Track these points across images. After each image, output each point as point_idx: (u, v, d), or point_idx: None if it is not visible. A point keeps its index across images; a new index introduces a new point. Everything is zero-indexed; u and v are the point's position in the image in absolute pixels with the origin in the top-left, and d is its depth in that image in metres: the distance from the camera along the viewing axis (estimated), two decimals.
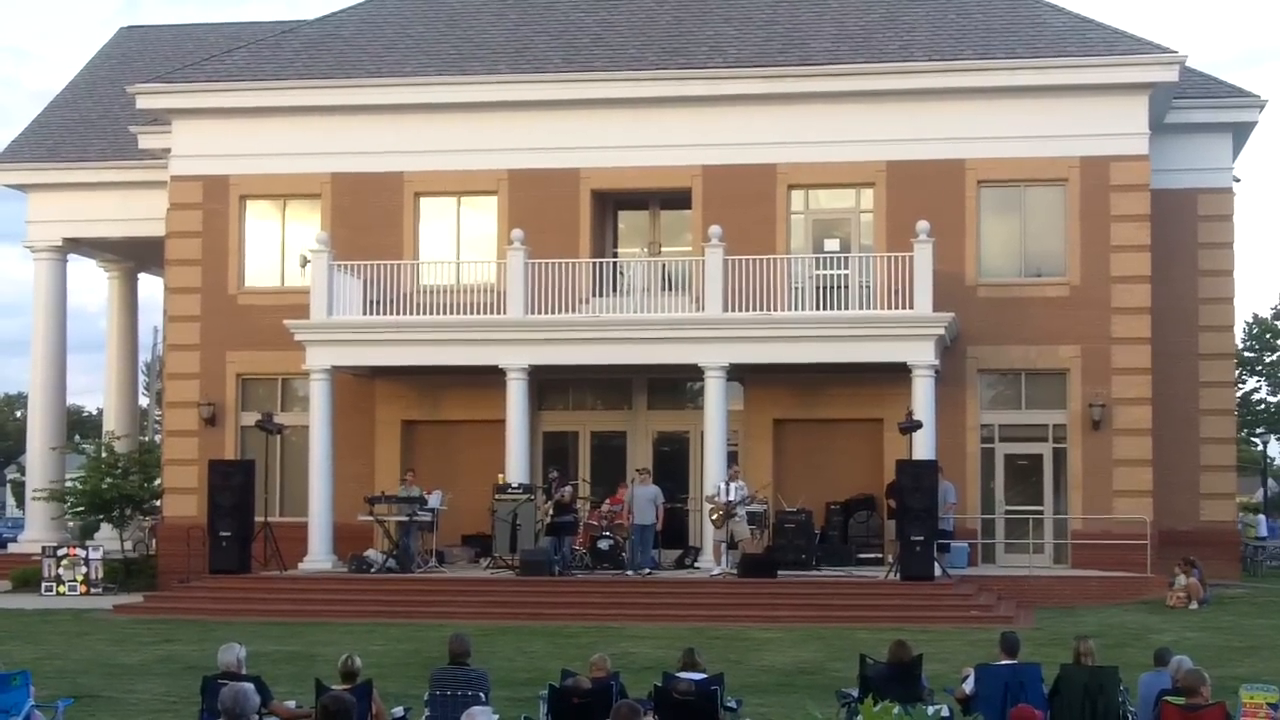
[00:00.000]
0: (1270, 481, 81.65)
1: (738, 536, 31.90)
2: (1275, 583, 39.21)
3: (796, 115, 36.01)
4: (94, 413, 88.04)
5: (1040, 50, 35.75)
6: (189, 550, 34.11)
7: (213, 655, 16.24)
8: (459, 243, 37.62)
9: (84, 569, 36.14)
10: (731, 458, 34.08)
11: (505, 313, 34.18)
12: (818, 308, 33.98)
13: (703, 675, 15.59)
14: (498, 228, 36.81)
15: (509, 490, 32.82)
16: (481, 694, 15.16)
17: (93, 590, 35.67)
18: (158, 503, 39.52)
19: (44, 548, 37.33)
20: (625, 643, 25.15)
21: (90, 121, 43.27)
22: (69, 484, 41.16)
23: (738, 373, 34.42)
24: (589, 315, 34.43)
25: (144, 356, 57.92)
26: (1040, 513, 35.57)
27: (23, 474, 59.15)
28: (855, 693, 16.19)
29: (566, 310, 34.20)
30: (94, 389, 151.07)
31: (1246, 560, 42.50)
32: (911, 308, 32.92)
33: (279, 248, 38.18)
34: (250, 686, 12.01)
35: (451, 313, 34.77)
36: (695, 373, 33.83)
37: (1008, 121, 35.44)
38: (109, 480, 39.67)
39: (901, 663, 16.36)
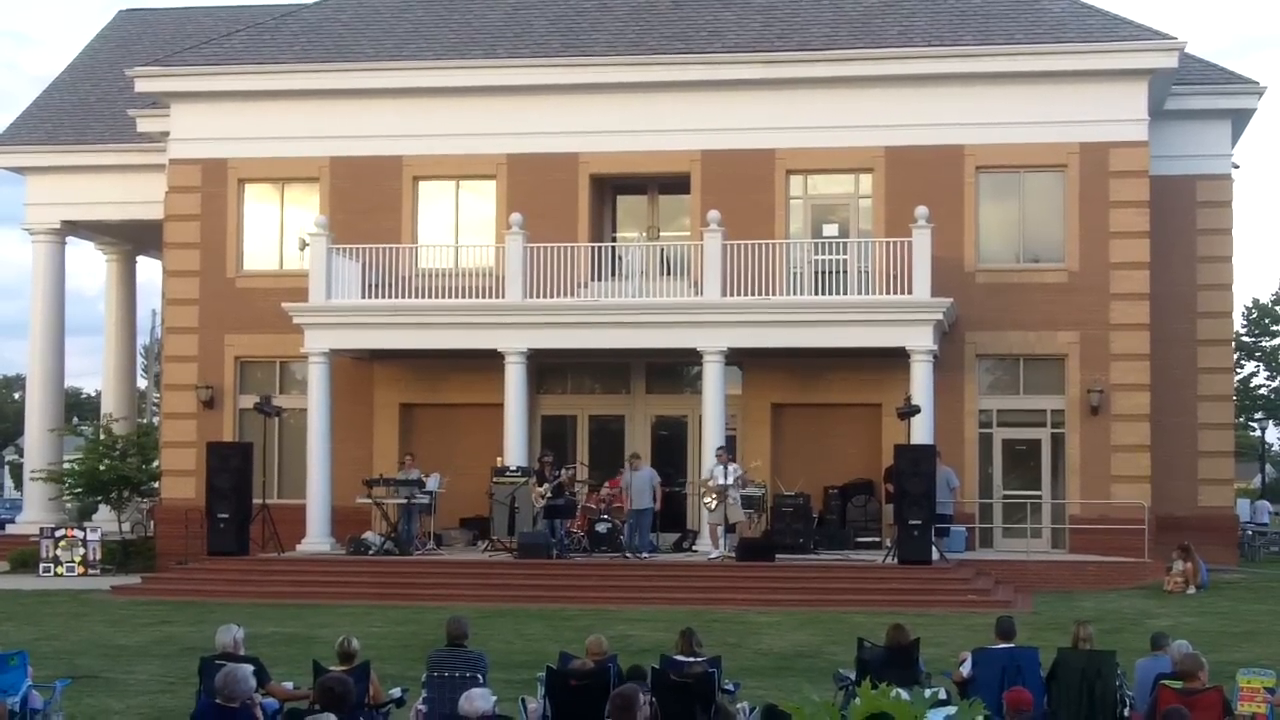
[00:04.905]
0: (1268, 467, 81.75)
1: (731, 519, 31.90)
2: (1273, 568, 39.28)
3: (795, 100, 36.00)
4: (92, 395, 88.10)
5: (1040, 36, 35.72)
6: (187, 532, 34.15)
7: (210, 636, 16.26)
8: (458, 226, 37.61)
9: (82, 550, 36.20)
10: (730, 442, 34.08)
11: (504, 296, 34.18)
12: (816, 293, 33.98)
13: (700, 658, 15.63)
14: (496, 212, 36.81)
15: (507, 473, 32.85)
16: (479, 676, 15.17)
17: (90, 571, 35.71)
18: (156, 485, 39.54)
19: (42, 529, 37.40)
20: (622, 625, 25.20)
21: (89, 105, 43.24)
22: (67, 466, 41.19)
23: (736, 357, 34.44)
24: (587, 299, 34.43)
25: (142, 339, 57.98)
26: (1038, 498, 35.60)
27: (21, 455, 59.27)
28: (853, 676, 16.21)
29: (565, 294, 34.20)
30: (92, 371, 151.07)
31: (1244, 545, 42.57)
32: (910, 293, 32.93)
33: (277, 231, 38.18)
34: (246, 669, 12.03)
35: (450, 296, 34.79)
36: (694, 357, 33.85)
37: (1007, 107, 35.43)
38: (107, 462, 39.71)
39: (899, 646, 16.39)
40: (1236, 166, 39.04)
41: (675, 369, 36.99)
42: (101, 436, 40.89)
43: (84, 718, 17.78)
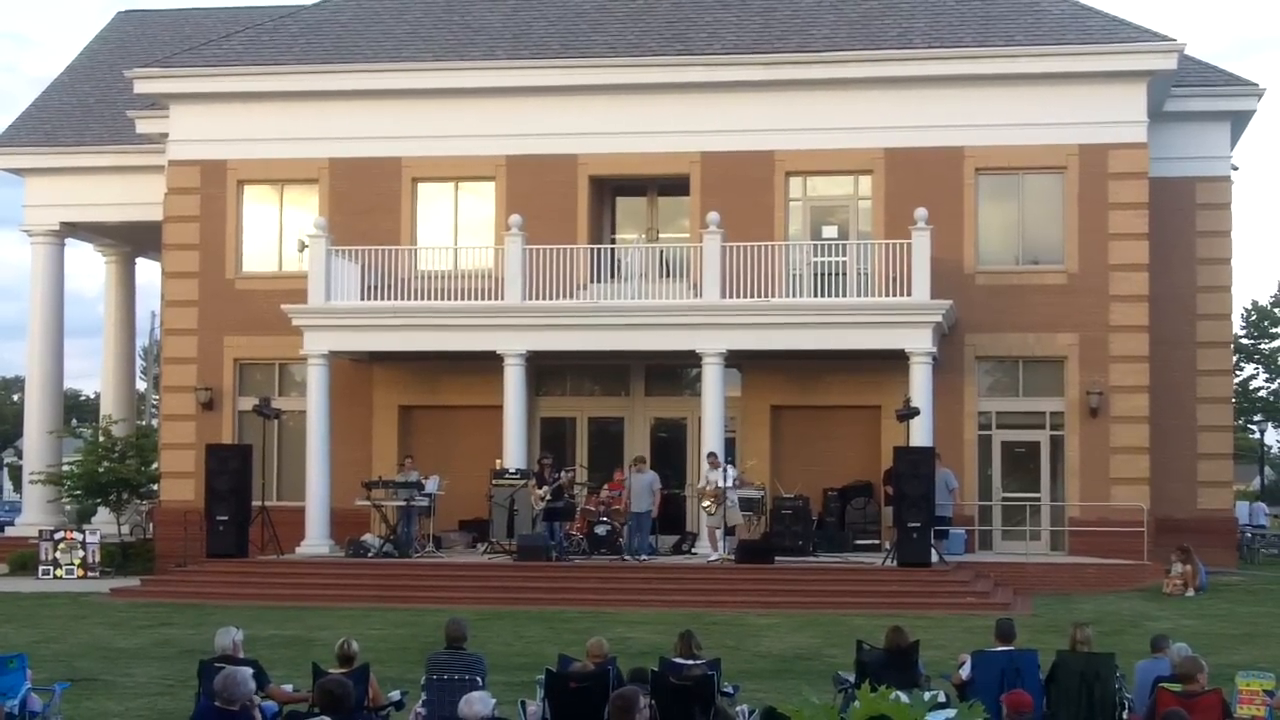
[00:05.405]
0: (1267, 469, 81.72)
1: (730, 522, 31.90)
2: (1271, 570, 39.28)
3: (795, 102, 35.99)
4: (91, 397, 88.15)
5: (1039, 38, 35.72)
6: (186, 534, 34.10)
7: (209, 639, 16.25)
8: (457, 228, 37.60)
9: (81, 552, 36.19)
10: (729, 444, 34.06)
11: (503, 298, 34.17)
12: (816, 295, 33.98)
13: (699, 661, 15.63)
14: (496, 213, 36.80)
15: (506, 475, 32.84)
16: (478, 678, 15.16)
17: (90, 574, 35.70)
18: (155, 487, 39.54)
19: (41, 531, 37.37)
20: (621, 628, 25.17)
21: (88, 106, 43.23)
22: (66, 468, 41.18)
23: (736, 359, 34.41)
24: (587, 301, 34.42)
25: (141, 341, 57.94)
26: (1037, 500, 35.59)
27: (20, 457, 59.24)
28: (852, 678, 16.22)
29: (564, 296, 34.19)
30: (91, 373, 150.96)
31: (1243, 548, 42.56)
32: (909, 295, 32.92)
33: (277, 232, 38.17)
34: (245, 671, 12.01)
35: (449, 298, 34.78)
36: (693, 359, 33.81)
37: (1006, 109, 35.43)
38: (106, 464, 39.70)
39: (898, 649, 16.38)
40: (1236, 168, 39.06)
41: (675, 371, 36.97)
42: (100, 438, 40.87)
43: None
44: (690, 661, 15.61)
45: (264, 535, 33.37)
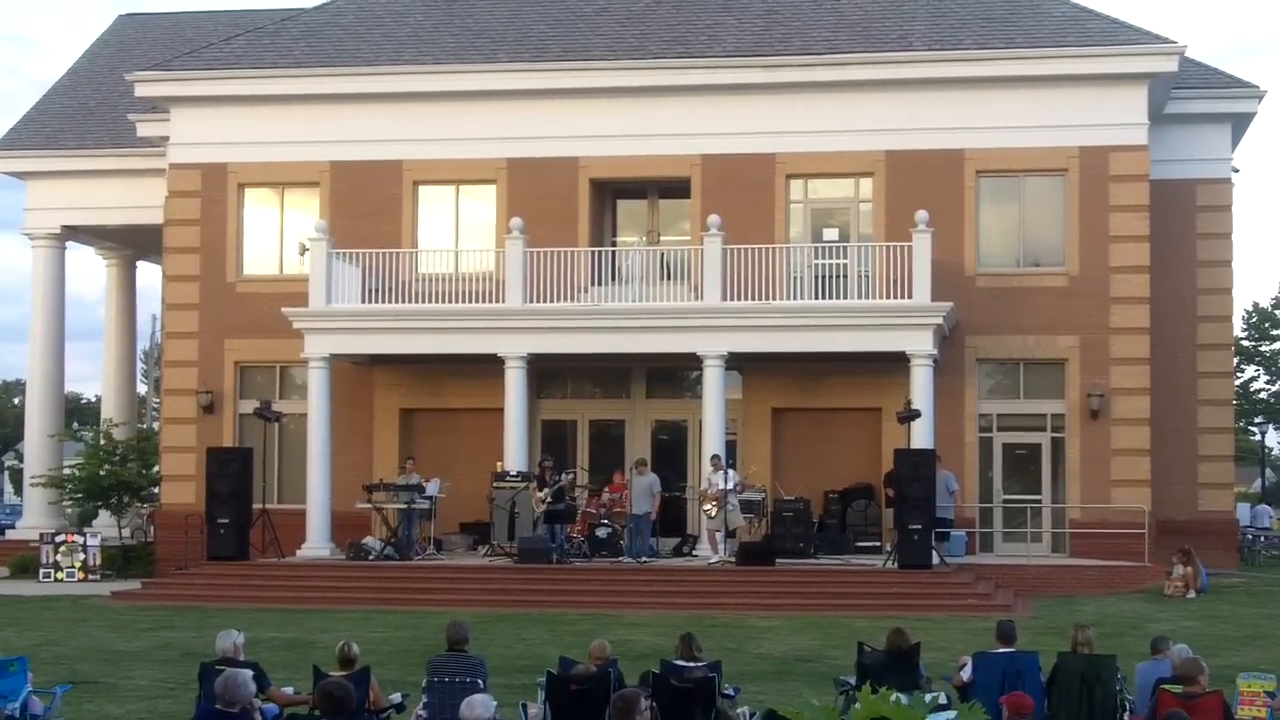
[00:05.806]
0: (1268, 471, 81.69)
1: (731, 525, 31.90)
2: (1272, 572, 39.27)
3: (795, 104, 35.99)
4: (92, 400, 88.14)
5: (1040, 40, 35.71)
6: (187, 537, 34.09)
7: (210, 642, 16.26)
8: (458, 231, 37.60)
9: (82, 556, 36.20)
10: (730, 446, 34.05)
11: (504, 301, 34.17)
12: (816, 297, 33.98)
13: (700, 663, 15.64)
14: (496, 216, 36.80)
15: (507, 478, 32.84)
16: (479, 680, 15.15)
17: (91, 577, 35.71)
18: (156, 490, 39.53)
19: (42, 534, 37.39)
20: (623, 630, 25.16)
21: (89, 109, 43.23)
22: (67, 471, 41.19)
23: (736, 362, 34.42)
24: (588, 304, 34.40)
25: (142, 344, 57.95)
26: (1038, 502, 35.59)
27: (21, 461, 59.22)
28: (853, 680, 16.22)
29: (565, 299, 34.18)
30: (92, 376, 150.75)
31: (1244, 550, 42.55)
32: (910, 297, 32.92)
33: (277, 235, 38.17)
34: (245, 673, 12.01)
35: (450, 301, 34.78)
36: (694, 362, 33.81)
37: (1007, 111, 35.42)
38: (107, 467, 39.70)
39: (899, 650, 16.38)
40: (1236, 170, 39.08)
41: (675, 373, 36.96)
42: (102, 442, 40.87)
43: None
44: (691, 664, 15.63)
45: (265, 538, 33.36)
